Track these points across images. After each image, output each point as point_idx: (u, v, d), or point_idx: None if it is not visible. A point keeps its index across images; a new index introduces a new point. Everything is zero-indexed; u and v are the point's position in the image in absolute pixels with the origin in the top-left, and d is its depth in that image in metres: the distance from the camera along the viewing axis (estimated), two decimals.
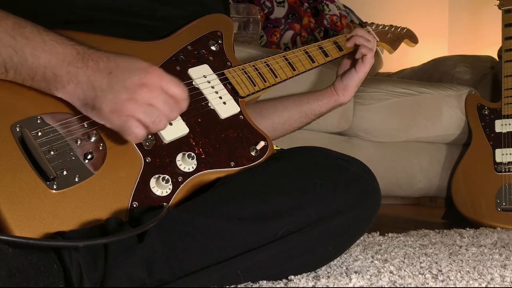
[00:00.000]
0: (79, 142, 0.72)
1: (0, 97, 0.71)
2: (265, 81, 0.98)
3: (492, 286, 0.80)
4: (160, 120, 0.71)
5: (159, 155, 0.78)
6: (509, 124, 1.87)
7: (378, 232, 1.38)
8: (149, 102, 0.70)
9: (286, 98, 1.18)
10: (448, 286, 0.79)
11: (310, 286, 0.74)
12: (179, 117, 0.82)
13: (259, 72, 0.98)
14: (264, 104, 1.17)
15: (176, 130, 0.81)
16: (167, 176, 0.75)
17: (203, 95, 0.88)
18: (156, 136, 0.79)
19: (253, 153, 0.86)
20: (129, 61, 0.72)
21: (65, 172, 0.69)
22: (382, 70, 2.77)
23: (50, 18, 0.76)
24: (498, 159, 1.85)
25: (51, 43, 0.70)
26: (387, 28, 1.32)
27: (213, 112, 0.88)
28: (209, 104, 0.88)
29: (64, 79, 0.70)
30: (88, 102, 0.70)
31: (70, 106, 0.74)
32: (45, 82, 0.70)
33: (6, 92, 0.71)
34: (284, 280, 0.77)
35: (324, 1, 2.61)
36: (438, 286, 0.78)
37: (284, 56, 1.05)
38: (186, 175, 0.78)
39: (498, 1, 1.97)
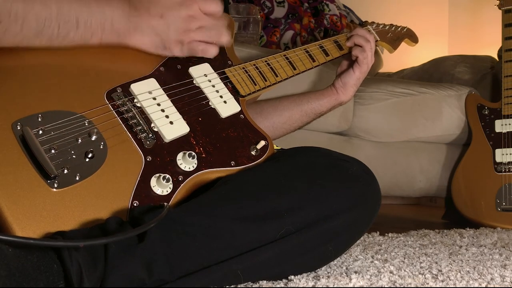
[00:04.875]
0: (80, 140, 0.72)
1: (1, 95, 0.71)
2: (266, 80, 0.98)
3: (492, 286, 0.80)
4: (211, 31, 0.88)
5: (159, 154, 0.78)
6: (509, 124, 1.87)
7: (378, 232, 1.38)
8: (199, 25, 0.87)
9: (286, 97, 1.18)
10: (448, 286, 0.79)
11: (310, 286, 0.74)
12: (180, 116, 0.82)
13: (259, 71, 0.98)
14: (265, 104, 1.17)
15: (177, 129, 0.81)
16: (167, 175, 0.75)
17: (204, 94, 0.88)
18: (157, 135, 0.79)
19: (253, 153, 0.86)
20: None
21: (66, 171, 0.69)
22: (382, 70, 2.78)
23: None
24: (498, 159, 1.85)
25: None
26: (387, 27, 1.32)
27: (214, 111, 0.88)
28: (210, 103, 0.88)
29: (131, 29, 0.82)
30: (158, 45, 0.85)
31: (71, 104, 0.74)
32: (115, 33, 0.81)
33: (7, 90, 0.71)
34: (284, 280, 0.77)
35: (324, 1, 2.61)
36: (438, 286, 0.78)
37: (284, 55, 1.05)
38: (187, 174, 0.78)
39: (498, 1, 1.97)
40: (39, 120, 0.71)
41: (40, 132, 0.70)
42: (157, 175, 0.75)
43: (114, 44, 0.82)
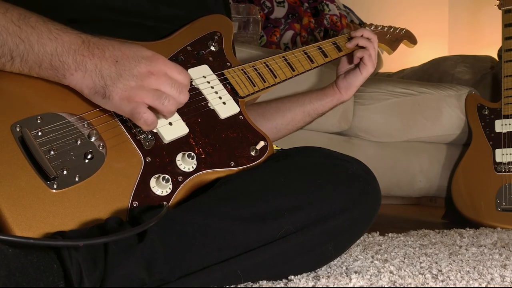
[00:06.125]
0: (79, 142, 0.72)
1: (0, 97, 0.71)
2: (265, 82, 0.98)
3: (492, 286, 0.80)
4: (168, 100, 0.74)
5: (159, 155, 0.78)
6: (509, 124, 1.87)
7: (378, 232, 1.38)
8: (157, 88, 0.73)
9: (288, 98, 1.18)
10: (448, 286, 0.79)
11: (310, 286, 0.74)
12: (179, 117, 0.82)
13: (258, 73, 0.98)
14: (267, 105, 1.17)
15: (176, 130, 0.81)
16: (167, 176, 0.75)
17: (203, 95, 0.89)
18: (156, 136, 0.79)
19: (253, 153, 0.86)
20: (134, 49, 0.74)
21: (65, 172, 0.69)
22: (382, 70, 2.78)
23: (54, 17, 0.76)
24: (498, 159, 1.85)
25: (56, 31, 0.71)
26: (385, 29, 1.32)
27: (213, 112, 0.88)
28: (209, 104, 0.88)
29: (72, 67, 0.71)
30: (98, 91, 0.72)
31: (70, 106, 0.74)
32: (53, 70, 0.72)
33: (6, 92, 0.71)
34: (284, 280, 0.77)
35: (324, 1, 2.61)
36: (438, 286, 0.78)
37: (283, 57, 1.05)
38: (186, 175, 0.78)
39: (498, 1, 1.97)
40: (38, 121, 0.71)
41: (39, 133, 0.70)
42: (157, 175, 0.75)
43: (54, 80, 0.73)
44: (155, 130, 0.79)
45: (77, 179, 0.69)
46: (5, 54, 0.69)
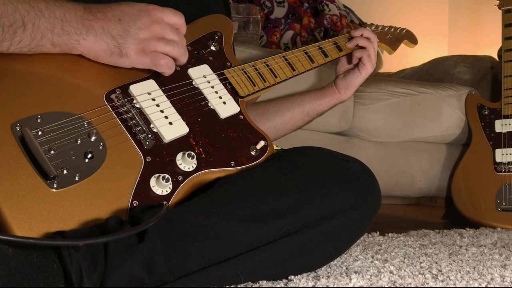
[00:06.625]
0: (79, 141, 0.72)
1: (0, 97, 0.71)
2: (265, 81, 0.98)
3: (492, 286, 0.80)
4: (176, 45, 0.81)
5: (159, 155, 0.78)
6: (509, 124, 1.87)
7: (378, 232, 1.38)
8: (162, 35, 0.79)
9: (287, 98, 1.18)
10: (448, 286, 0.79)
11: (310, 286, 0.74)
12: (179, 117, 0.82)
13: (258, 72, 0.98)
14: (266, 105, 1.17)
15: (176, 129, 0.81)
16: (167, 175, 0.75)
17: (203, 95, 0.89)
18: (156, 136, 0.79)
19: (253, 153, 0.86)
20: (129, 5, 0.79)
21: (65, 171, 0.69)
22: (382, 70, 2.78)
23: None
24: (498, 159, 1.85)
25: (59, 1, 0.75)
26: (386, 29, 1.32)
27: (213, 112, 0.88)
28: (209, 104, 0.88)
29: (83, 31, 0.75)
30: (114, 51, 0.77)
31: (70, 105, 0.74)
32: (66, 35, 0.74)
33: (6, 91, 0.71)
34: (284, 280, 0.77)
35: (324, 1, 2.61)
36: (438, 286, 0.78)
37: (283, 57, 1.05)
38: (186, 174, 0.78)
39: (498, 1, 1.97)
40: (39, 121, 0.71)
41: (40, 133, 0.70)
42: (157, 175, 0.75)
43: (67, 50, 0.76)
44: (155, 130, 0.79)
45: (77, 179, 0.69)
46: (17, 20, 0.70)
